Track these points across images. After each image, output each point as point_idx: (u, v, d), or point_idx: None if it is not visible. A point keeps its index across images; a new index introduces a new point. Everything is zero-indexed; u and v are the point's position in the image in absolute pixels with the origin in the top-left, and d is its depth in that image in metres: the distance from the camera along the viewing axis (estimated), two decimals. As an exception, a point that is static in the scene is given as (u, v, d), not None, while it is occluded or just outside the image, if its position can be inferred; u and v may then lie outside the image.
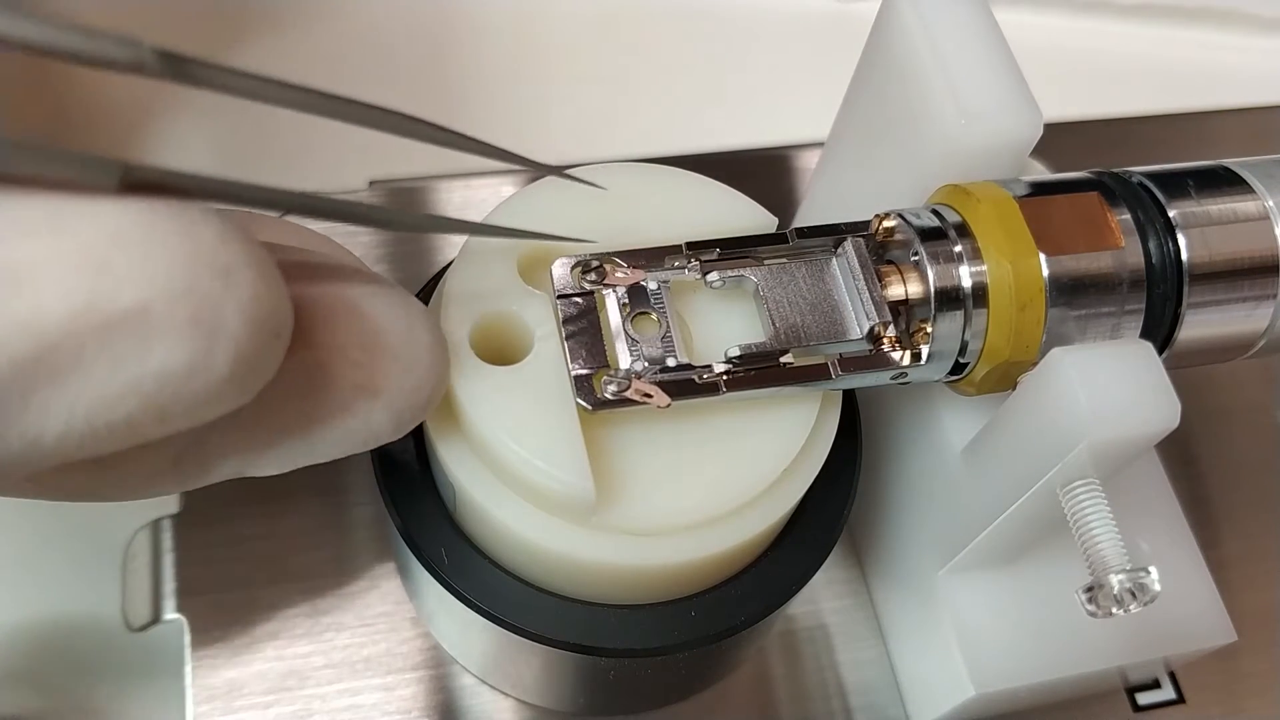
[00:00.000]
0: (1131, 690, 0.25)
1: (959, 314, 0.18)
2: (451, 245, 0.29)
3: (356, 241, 0.29)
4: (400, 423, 0.16)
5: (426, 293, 0.19)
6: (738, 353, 0.18)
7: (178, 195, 0.13)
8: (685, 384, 0.17)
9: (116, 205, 0.12)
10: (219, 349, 0.13)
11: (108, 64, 0.12)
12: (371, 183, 0.30)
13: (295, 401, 0.15)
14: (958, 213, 0.18)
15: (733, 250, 0.18)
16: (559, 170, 0.17)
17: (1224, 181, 0.20)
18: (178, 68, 0.12)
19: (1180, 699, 0.25)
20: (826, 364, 0.18)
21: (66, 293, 0.12)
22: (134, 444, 0.13)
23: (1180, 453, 0.28)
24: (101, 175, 0.12)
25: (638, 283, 0.18)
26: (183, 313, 0.12)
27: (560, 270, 0.18)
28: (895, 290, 0.18)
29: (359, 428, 0.16)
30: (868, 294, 0.18)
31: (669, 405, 0.17)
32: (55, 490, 0.15)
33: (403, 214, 0.17)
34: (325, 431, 0.15)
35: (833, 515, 0.20)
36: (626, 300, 0.18)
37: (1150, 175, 0.19)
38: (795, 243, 0.19)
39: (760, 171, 0.32)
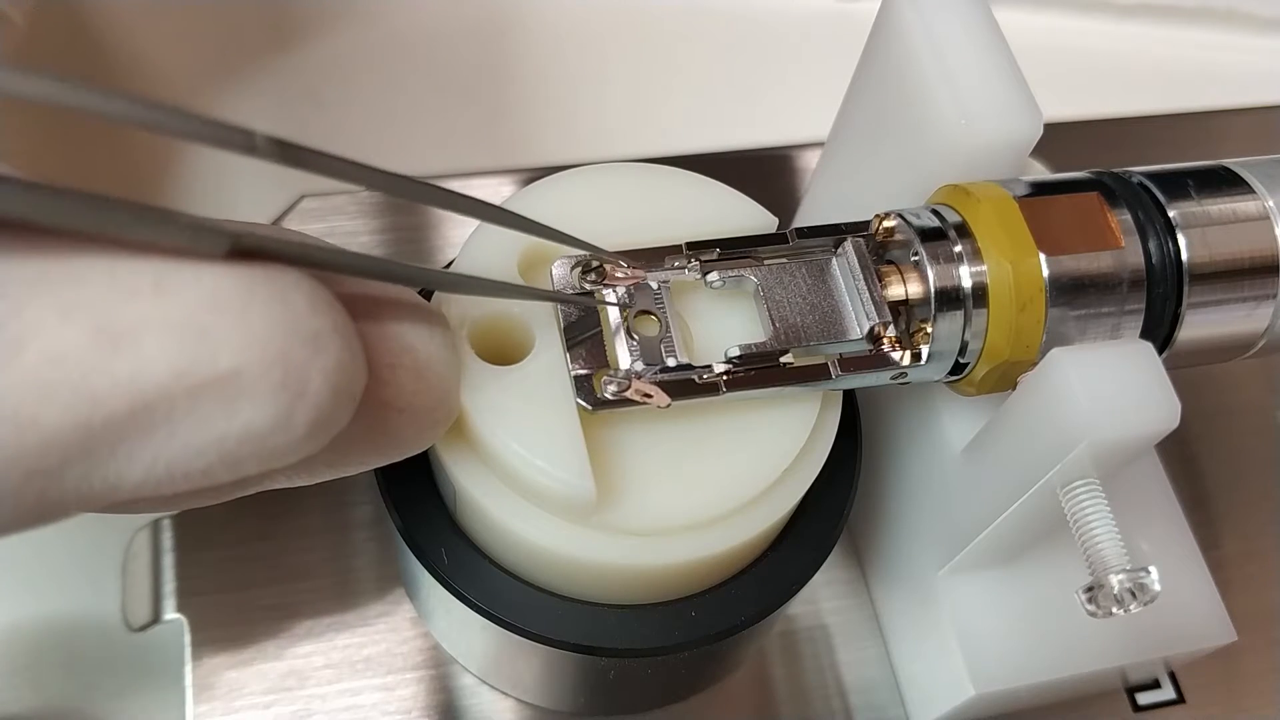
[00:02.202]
0: (1131, 690, 0.25)
1: (959, 314, 0.18)
2: (452, 246, 0.29)
3: (357, 243, 0.29)
4: (423, 438, 0.17)
5: (427, 293, 0.19)
6: (738, 353, 0.18)
7: (277, 261, 0.13)
8: (685, 384, 0.17)
9: (217, 270, 0.13)
10: (300, 411, 0.13)
11: (223, 146, 0.13)
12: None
13: None
14: (958, 213, 0.18)
15: (733, 250, 0.18)
16: (609, 254, 0.18)
17: (1224, 181, 0.20)
18: (285, 152, 0.13)
19: (1180, 699, 0.25)
20: (826, 364, 0.18)
21: (167, 355, 0.12)
22: (203, 486, 0.14)
23: (1180, 453, 0.28)
24: (211, 243, 0.13)
25: (638, 283, 0.18)
26: (273, 377, 0.13)
27: (560, 270, 0.18)
28: (895, 290, 0.18)
29: (386, 444, 0.16)
30: (868, 294, 0.18)
31: (669, 405, 0.17)
32: (108, 510, 0.15)
33: (484, 281, 0.17)
34: (354, 447, 0.16)
35: (833, 515, 0.20)
36: (627, 300, 0.18)
37: (1150, 175, 0.19)
38: (795, 243, 0.19)
39: (760, 171, 0.32)
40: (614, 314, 0.18)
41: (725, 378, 0.17)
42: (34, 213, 0.12)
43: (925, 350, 0.18)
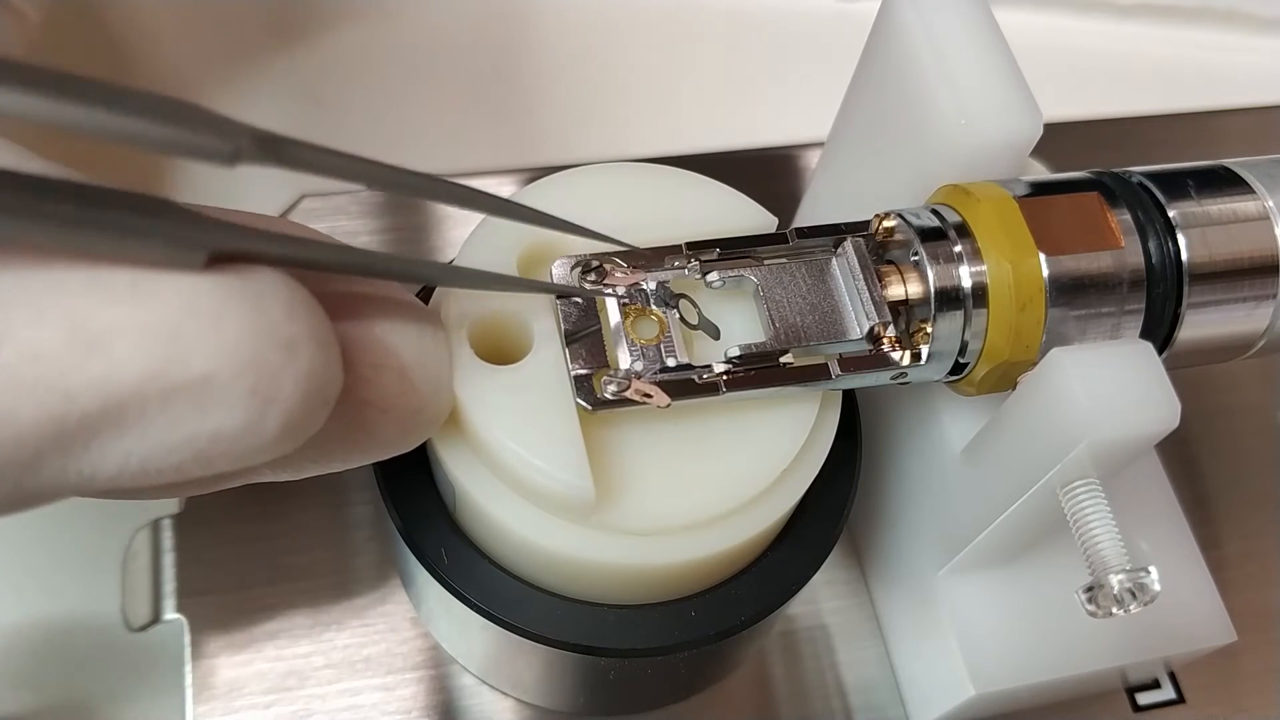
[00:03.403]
0: (1131, 690, 0.25)
1: (959, 314, 0.18)
2: (453, 245, 0.29)
3: (358, 243, 0.29)
4: (408, 439, 0.16)
5: (427, 292, 0.19)
6: (738, 353, 0.18)
7: (259, 263, 0.14)
8: (685, 384, 0.17)
9: (195, 274, 0.13)
10: (272, 416, 0.13)
11: (203, 158, 0.13)
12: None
13: None
14: (958, 213, 0.18)
15: (733, 250, 0.18)
16: (613, 240, 0.18)
17: (1224, 181, 0.20)
18: (277, 150, 0.13)
19: (1180, 699, 0.25)
20: (826, 364, 0.18)
21: (139, 358, 0.12)
22: (179, 481, 0.14)
23: (1180, 453, 0.28)
24: (188, 257, 0.13)
25: (638, 283, 0.18)
26: (244, 383, 0.13)
27: (560, 270, 0.18)
28: (895, 290, 0.18)
29: (369, 443, 0.16)
30: (868, 294, 0.18)
31: (669, 405, 0.17)
32: (90, 496, 0.15)
33: (481, 274, 0.17)
34: (336, 446, 0.16)
35: (833, 515, 0.20)
36: (627, 300, 0.18)
37: (1150, 175, 0.19)
38: (795, 243, 0.19)
39: (760, 171, 0.32)
40: (614, 313, 0.18)
41: (725, 378, 0.17)
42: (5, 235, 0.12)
43: (925, 350, 0.18)
